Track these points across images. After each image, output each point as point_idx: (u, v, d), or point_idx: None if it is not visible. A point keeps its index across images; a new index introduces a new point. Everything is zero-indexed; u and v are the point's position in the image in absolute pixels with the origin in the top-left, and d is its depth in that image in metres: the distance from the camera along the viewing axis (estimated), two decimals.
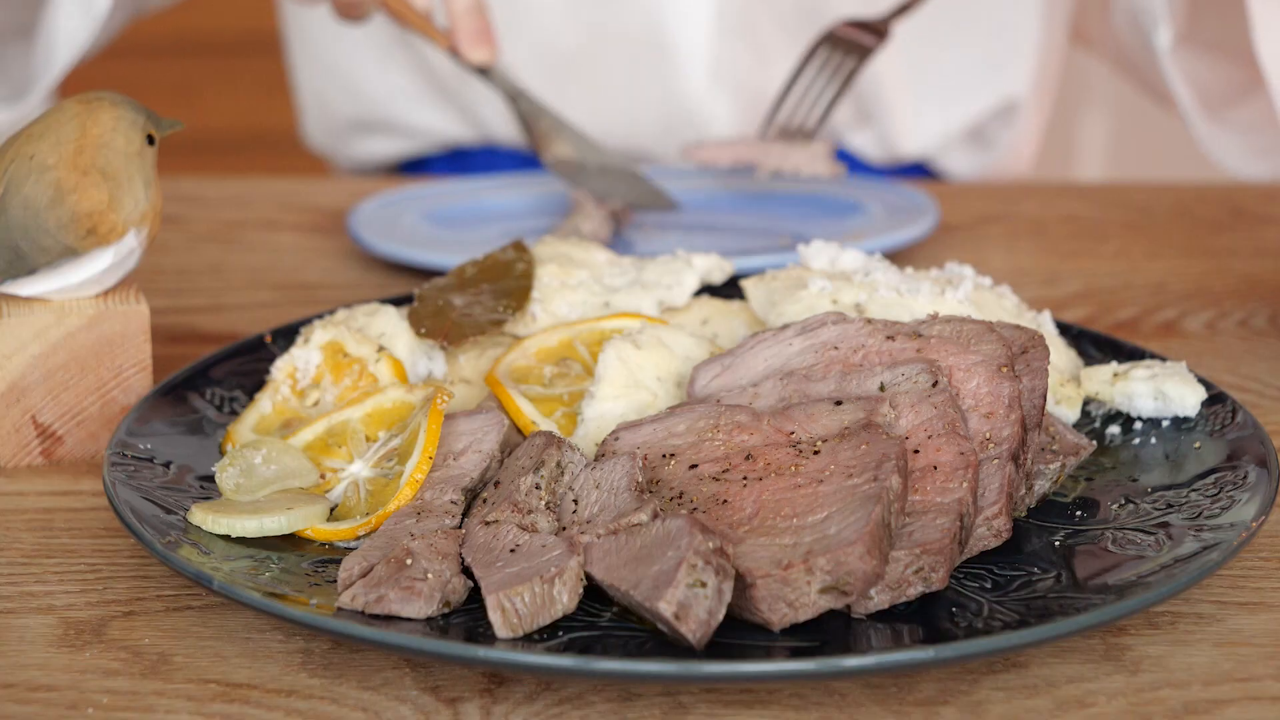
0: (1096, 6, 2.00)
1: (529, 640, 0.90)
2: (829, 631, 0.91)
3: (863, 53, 1.68)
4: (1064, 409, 1.16)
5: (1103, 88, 3.38)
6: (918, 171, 2.07)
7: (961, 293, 1.18)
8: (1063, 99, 2.54)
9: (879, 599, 0.92)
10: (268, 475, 1.06)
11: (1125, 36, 1.92)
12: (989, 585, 0.96)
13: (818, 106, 1.70)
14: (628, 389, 1.12)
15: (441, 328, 1.20)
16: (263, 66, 3.28)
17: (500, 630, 0.90)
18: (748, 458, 1.00)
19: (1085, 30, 2.06)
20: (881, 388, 1.03)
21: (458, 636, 0.90)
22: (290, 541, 1.02)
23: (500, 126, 2.02)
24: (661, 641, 0.90)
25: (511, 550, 0.95)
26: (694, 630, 0.88)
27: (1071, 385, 1.17)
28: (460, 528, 1.00)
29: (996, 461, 0.99)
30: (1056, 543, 1.01)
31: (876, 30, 1.68)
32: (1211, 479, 1.06)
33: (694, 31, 1.94)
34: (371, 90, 2.05)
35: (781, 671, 0.86)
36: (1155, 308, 1.49)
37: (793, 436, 1.01)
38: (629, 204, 1.65)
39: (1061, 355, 1.20)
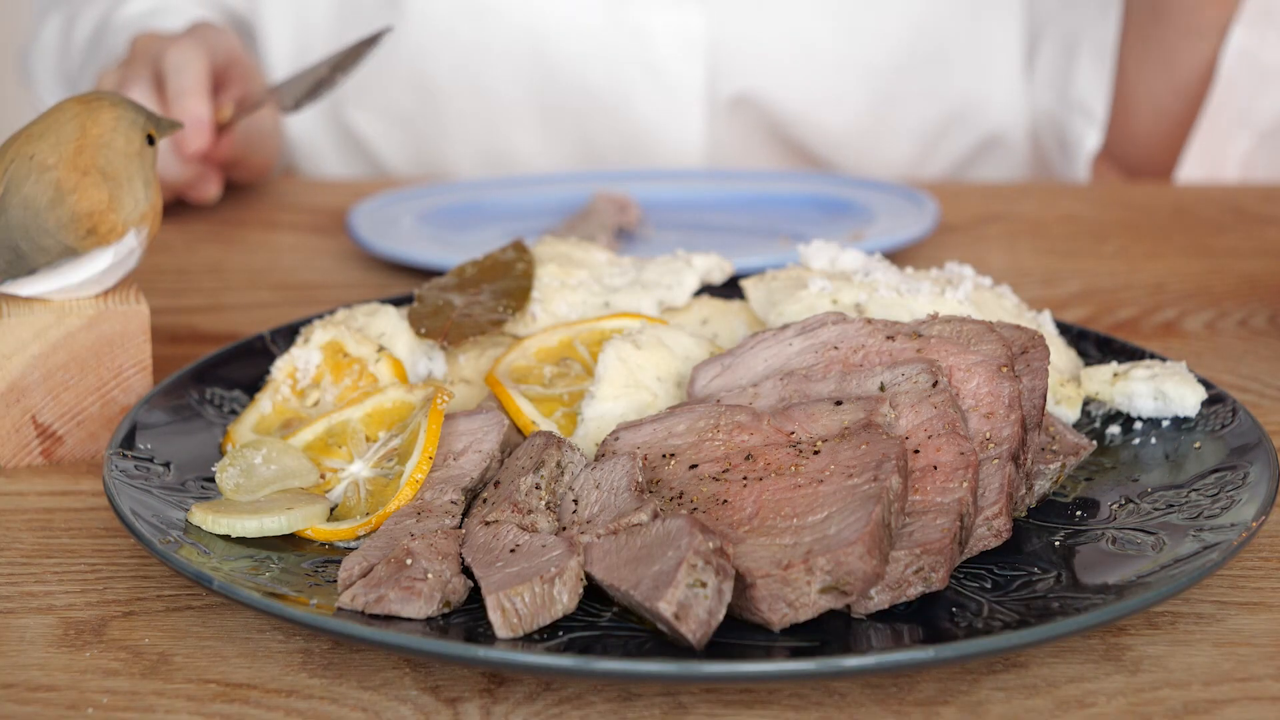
0: None
1: (529, 640, 0.90)
2: (829, 631, 0.91)
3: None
4: (1064, 409, 1.16)
5: None
6: None
7: (961, 293, 1.18)
8: None
9: (879, 599, 0.92)
10: (268, 475, 1.06)
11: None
12: (989, 585, 0.96)
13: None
14: (628, 389, 1.12)
15: (441, 328, 1.20)
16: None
17: (500, 630, 0.90)
18: (748, 458, 1.00)
19: None
20: (881, 388, 1.03)
21: (458, 636, 0.90)
22: (290, 541, 1.02)
23: (465, 167, 2.03)
24: (661, 641, 0.90)
25: (511, 550, 0.95)
26: (694, 630, 0.88)
27: (1071, 385, 1.17)
28: (460, 528, 1.00)
29: (996, 461, 0.99)
30: (1056, 543, 1.01)
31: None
32: (1211, 479, 1.06)
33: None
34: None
35: (781, 671, 0.86)
36: (1155, 308, 1.49)
37: (793, 436, 1.01)
38: (337, 68, 1.63)
39: (1061, 355, 1.20)
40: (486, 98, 1.96)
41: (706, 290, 1.32)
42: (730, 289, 1.32)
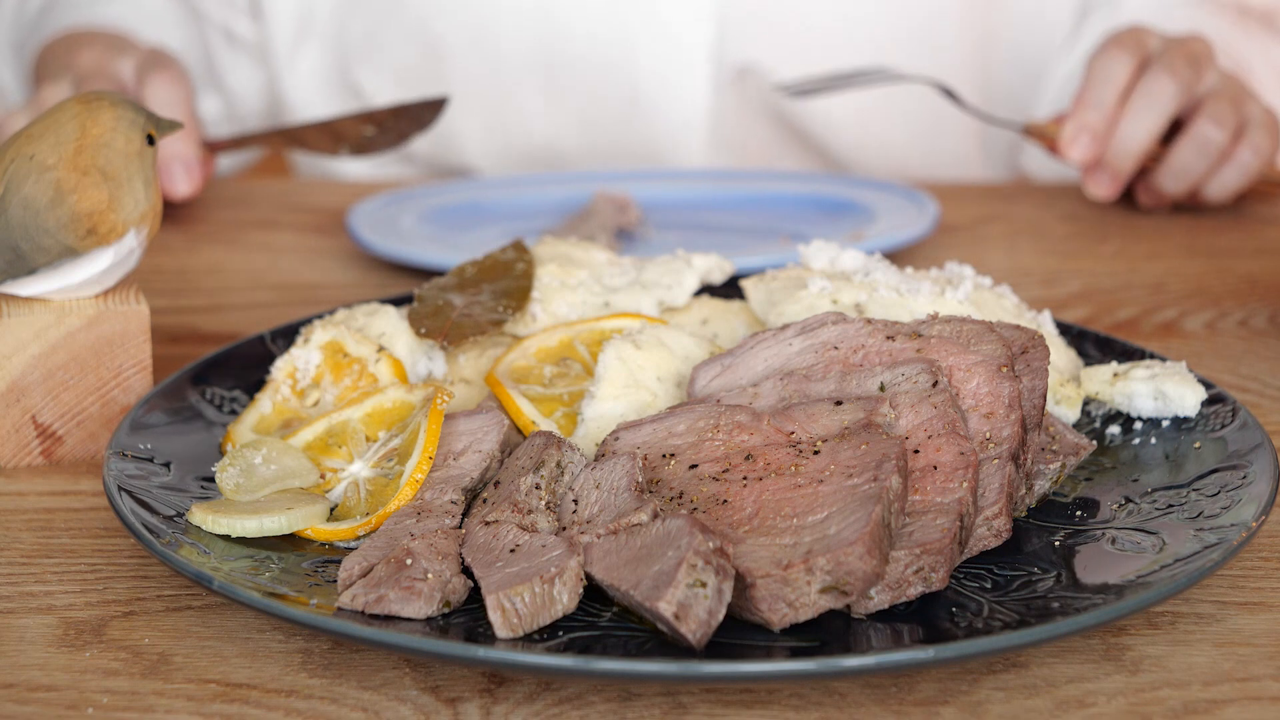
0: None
1: (529, 640, 0.90)
2: (829, 631, 0.91)
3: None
4: (1064, 409, 1.16)
5: None
6: None
7: (961, 293, 1.18)
8: None
9: (879, 599, 0.92)
10: (268, 475, 1.06)
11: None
12: (989, 585, 0.96)
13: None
14: (628, 389, 1.12)
15: (441, 328, 1.20)
16: None
17: (500, 630, 0.90)
18: (748, 458, 1.00)
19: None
20: (881, 388, 1.03)
21: (458, 636, 0.90)
22: (290, 541, 1.02)
23: (479, 159, 2.03)
24: (661, 641, 0.90)
25: (511, 550, 0.95)
26: (694, 630, 0.88)
27: (1071, 385, 1.17)
28: (460, 528, 1.00)
29: (996, 461, 0.99)
30: (1056, 543, 1.01)
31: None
32: (1211, 479, 1.06)
33: (687, 147, 1.97)
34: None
35: (781, 671, 0.86)
36: (1155, 308, 1.50)
37: (793, 436, 1.01)
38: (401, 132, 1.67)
39: (1061, 355, 1.20)
40: (493, 57, 1.95)
41: (706, 290, 1.32)
42: (730, 289, 1.32)
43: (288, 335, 1.27)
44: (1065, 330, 1.27)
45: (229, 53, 2.03)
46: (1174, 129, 1.71)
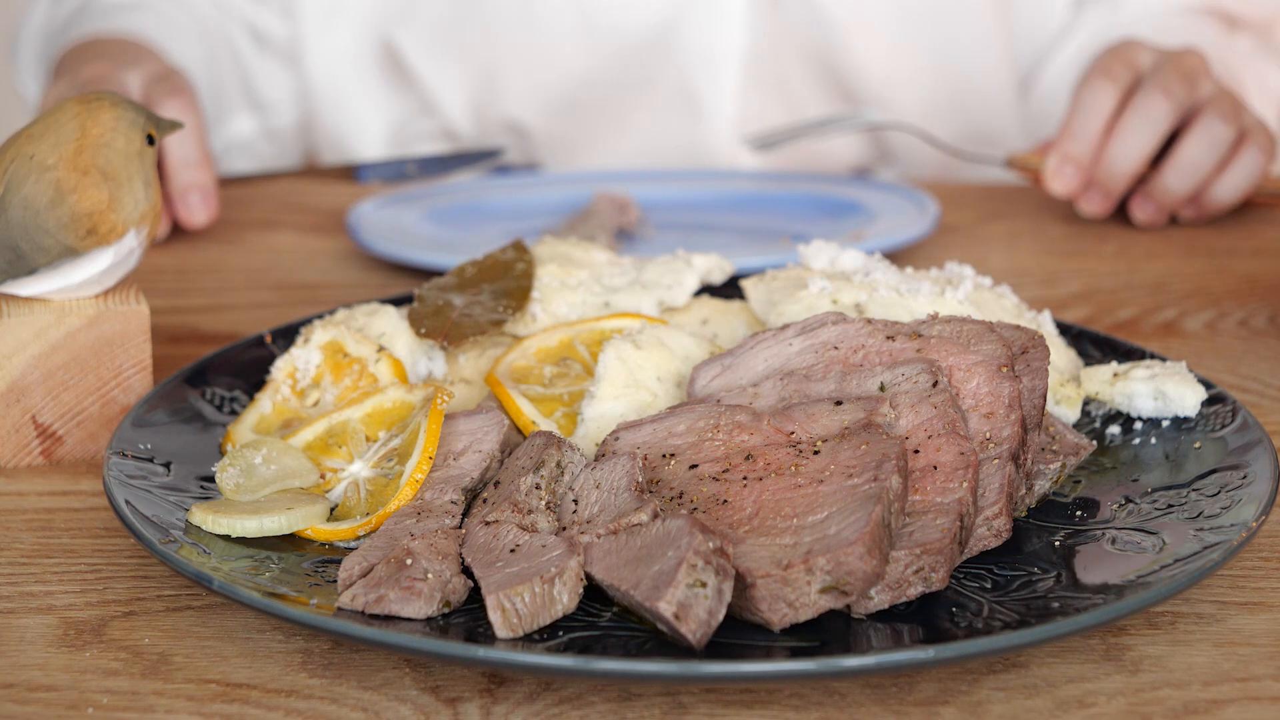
0: None
1: (529, 640, 0.90)
2: (829, 631, 0.91)
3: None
4: (1064, 409, 1.16)
5: None
6: None
7: (961, 293, 1.18)
8: None
9: (879, 599, 0.92)
10: (268, 475, 1.06)
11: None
12: (989, 585, 0.96)
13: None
14: (628, 389, 1.12)
15: (441, 328, 1.20)
16: None
17: (500, 630, 0.90)
18: (748, 458, 1.00)
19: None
20: (881, 388, 1.03)
21: (458, 636, 0.90)
22: (290, 541, 1.02)
23: (519, 107, 2.02)
24: (661, 641, 0.90)
25: (511, 550, 0.95)
26: (694, 630, 0.88)
27: (1071, 385, 1.17)
28: (460, 528, 1.00)
29: (996, 461, 0.99)
30: (1056, 543, 1.01)
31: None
32: (1211, 479, 1.06)
33: (723, 82, 1.95)
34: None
35: (781, 671, 0.86)
36: (1155, 308, 1.50)
37: (793, 436, 1.01)
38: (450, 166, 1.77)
39: (1061, 355, 1.20)
40: None
41: (706, 290, 1.32)
42: (730, 289, 1.32)
43: (288, 335, 1.27)
44: (1065, 330, 1.27)
45: (259, 58, 2.01)
46: (1164, 149, 1.70)
